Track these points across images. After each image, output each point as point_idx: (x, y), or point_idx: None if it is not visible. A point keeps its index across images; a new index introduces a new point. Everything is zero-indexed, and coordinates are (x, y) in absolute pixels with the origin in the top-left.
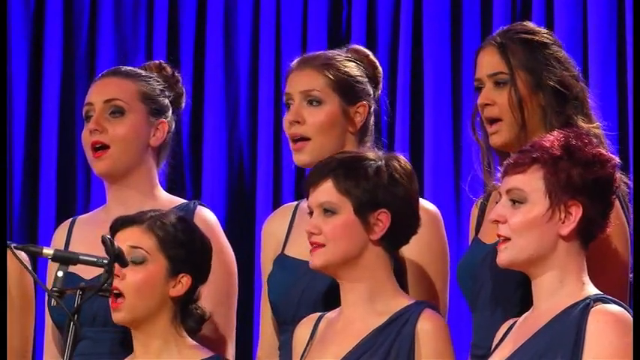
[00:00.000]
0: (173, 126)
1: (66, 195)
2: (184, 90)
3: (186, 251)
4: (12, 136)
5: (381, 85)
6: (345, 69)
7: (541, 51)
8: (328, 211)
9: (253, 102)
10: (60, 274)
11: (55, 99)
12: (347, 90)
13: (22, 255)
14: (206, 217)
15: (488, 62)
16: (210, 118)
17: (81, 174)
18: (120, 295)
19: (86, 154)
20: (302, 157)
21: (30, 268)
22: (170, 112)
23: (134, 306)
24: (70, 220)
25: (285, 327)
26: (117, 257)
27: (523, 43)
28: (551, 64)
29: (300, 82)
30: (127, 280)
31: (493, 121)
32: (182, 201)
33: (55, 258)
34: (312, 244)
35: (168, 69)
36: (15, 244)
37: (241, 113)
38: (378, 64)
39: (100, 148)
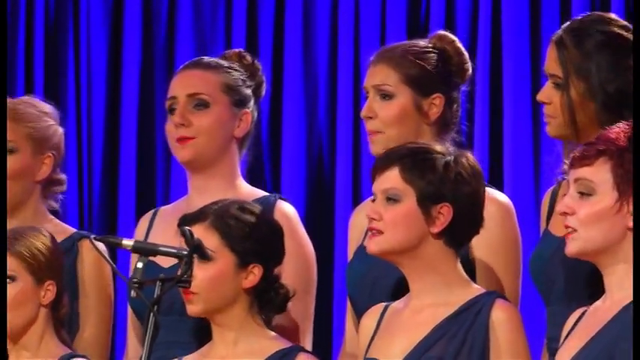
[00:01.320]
0: (256, 115)
1: (145, 186)
2: (264, 78)
3: (252, 242)
4: (92, 128)
5: (469, 72)
6: (420, 62)
7: (604, 56)
8: (391, 198)
9: (332, 94)
10: (140, 265)
11: (135, 90)
12: (420, 83)
13: (100, 246)
14: (286, 210)
15: (549, 60)
16: (289, 110)
17: (160, 165)
18: (190, 292)
19: (170, 146)
20: (374, 148)
21: (109, 260)
22: (252, 101)
23: (207, 299)
24: (153, 210)
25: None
26: (196, 248)
27: (584, 45)
28: (612, 71)
29: (374, 76)
30: (197, 278)
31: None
32: (263, 193)
33: (135, 249)
34: (370, 229)
35: (248, 57)
36: (94, 236)
37: (320, 105)
38: (463, 50)
39: (185, 139)
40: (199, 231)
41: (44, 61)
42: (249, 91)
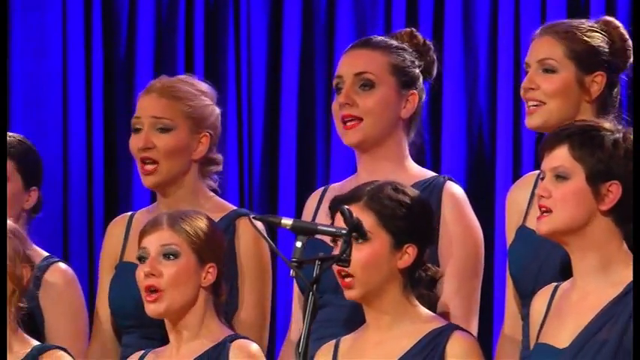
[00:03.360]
0: (424, 97)
1: (306, 165)
2: (435, 58)
3: (407, 222)
4: (252, 107)
5: (630, 60)
6: (585, 38)
7: None
8: (560, 176)
9: (492, 73)
10: (299, 244)
11: (295, 69)
12: (584, 59)
13: (259, 225)
14: (454, 192)
15: None
16: (450, 88)
17: (320, 143)
18: (347, 275)
19: (336, 126)
20: (533, 121)
21: (268, 238)
22: (420, 81)
23: (364, 282)
24: (323, 188)
25: (526, 300)
26: (355, 228)
27: None
28: None
29: (539, 50)
30: (353, 260)
31: None
32: (432, 174)
33: (294, 228)
34: (540, 207)
35: (420, 37)
36: (253, 215)
37: (480, 84)
38: (627, 36)
39: (350, 121)
40: (354, 211)
41: (204, 41)
42: (417, 72)
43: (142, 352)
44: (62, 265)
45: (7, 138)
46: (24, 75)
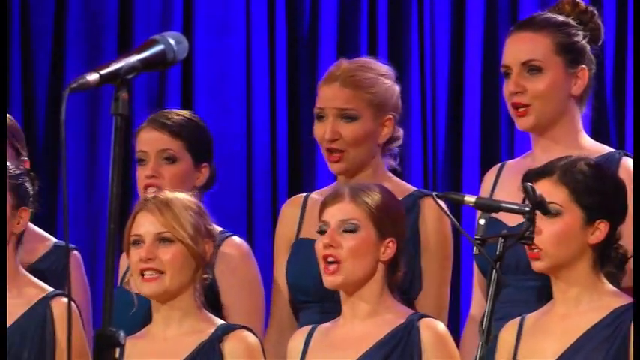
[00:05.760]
0: (593, 68)
1: (489, 144)
2: (600, 23)
3: (599, 198)
4: (435, 86)
5: None
6: None
7: None
8: None
9: None
10: (482, 222)
11: (478, 45)
12: None
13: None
14: (630, 167)
15: None
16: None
17: (504, 121)
18: (536, 248)
19: (510, 112)
20: None
21: (451, 216)
22: (588, 53)
23: (553, 256)
24: (500, 164)
25: None
26: (538, 205)
27: None
28: None
29: None
30: (544, 233)
31: None
32: (608, 149)
33: (478, 206)
34: None
35: (582, 5)
36: (436, 193)
37: None
38: None
39: (522, 107)
40: (547, 185)
41: (387, 20)
42: (584, 43)
43: (310, 326)
44: (237, 239)
45: (175, 117)
46: (208, 53)
